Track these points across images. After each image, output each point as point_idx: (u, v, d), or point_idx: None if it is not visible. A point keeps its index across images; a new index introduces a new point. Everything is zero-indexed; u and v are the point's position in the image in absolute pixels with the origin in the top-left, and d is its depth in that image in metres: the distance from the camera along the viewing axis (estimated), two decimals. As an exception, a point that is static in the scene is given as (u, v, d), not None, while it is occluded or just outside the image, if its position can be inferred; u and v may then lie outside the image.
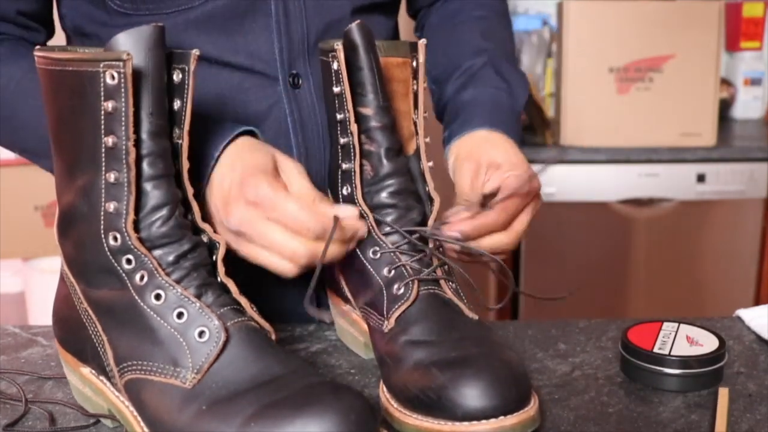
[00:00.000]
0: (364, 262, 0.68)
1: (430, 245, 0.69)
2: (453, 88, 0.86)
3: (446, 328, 0.64)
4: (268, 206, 0.63)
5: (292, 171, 0.67)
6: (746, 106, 2.45)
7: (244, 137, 0.68)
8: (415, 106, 0.72)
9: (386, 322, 0.66)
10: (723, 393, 0.66)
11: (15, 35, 0.79)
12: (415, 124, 0.72)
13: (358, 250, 0.69)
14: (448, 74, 0.87)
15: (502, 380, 0.57)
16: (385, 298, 0.66)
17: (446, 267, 0.69)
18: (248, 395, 0.53)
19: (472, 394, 0.56)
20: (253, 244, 0.65)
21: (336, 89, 0.68)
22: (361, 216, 0.68)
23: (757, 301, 2.12)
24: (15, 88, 0.75)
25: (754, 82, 2.44)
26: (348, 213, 0.65)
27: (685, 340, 0.71)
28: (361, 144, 0.69)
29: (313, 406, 0.51)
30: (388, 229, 0.69)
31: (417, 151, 0.72)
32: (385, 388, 0.64)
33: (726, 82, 2.43)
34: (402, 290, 0.66)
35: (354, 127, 0.68)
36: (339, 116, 0.69)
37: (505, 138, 0.78)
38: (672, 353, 0.69)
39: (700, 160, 2.03)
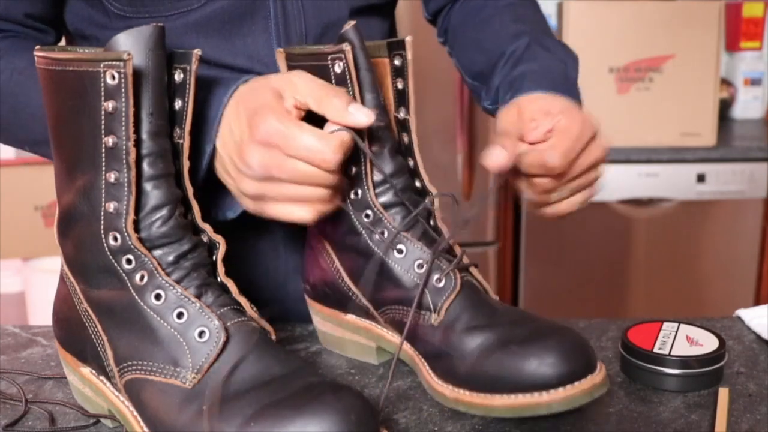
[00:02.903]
0: (390, 261, 0.68)
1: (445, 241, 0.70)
2: (501, 75, 0.83)
3: (491, 312, 0.65)
4: (282, 141, 0.61)
5: (295, 80, 0.64)
6: (746, 106, 2.45)
7: (241, 85, 0.66)
8: (402, 104, 0.71)
9: (435, 315, 0.66)
10: (723, 393, 0.66)
11: (22, 34, 0.78)
12: (404, 121, 0.71)
13: (379, 251, 0.69)
14: (492, 65, 0.84)
15: (580, 344, 0.61)
16: (427, 291, 0.66)
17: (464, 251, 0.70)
18: (248, 395, 0.53)
19: (558, 362, 0.59)
20: (272, 200, 0.63)
21: None
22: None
23: (757, 301, 2.12)
24: (18, 78, 0.74)
25: (754, 82, 2.44)
26: (365, 112, 0.63)
27: (685, 340, 0.71)
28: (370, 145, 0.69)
29: (313, 406, 0.51)
30: (401, 228, 0.69)
31: (399, 147, 0.72)
32: (443, 382, 0.64)
33: (726, 82, 2.43)
34: (444, 282, 0.66)
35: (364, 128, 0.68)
36: None
37: (558, 96, 0.75)
38: (672, 353, 0.69)
39: (700, 160, 2.04)
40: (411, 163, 0.72)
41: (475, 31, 0.90)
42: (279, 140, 0.61)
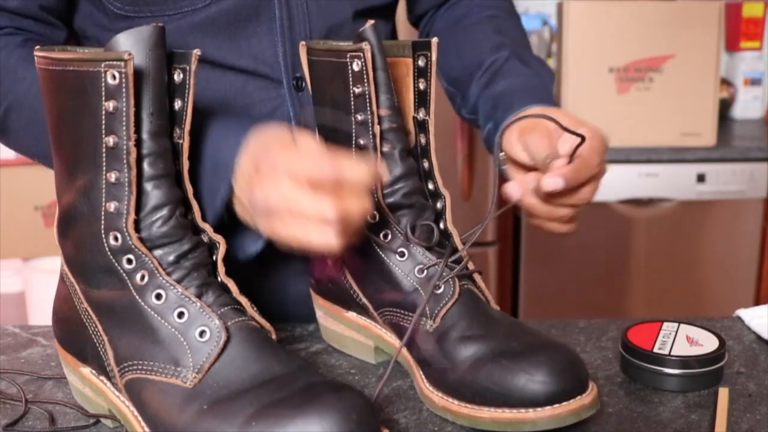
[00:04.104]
0: (390, 264, 0.68)
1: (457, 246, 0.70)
2: (479, 86, 0.84)
3: (488, 322, 0.65)
4: (283, 167, 0.59)
5: (307, 139, 0.63)
6: (746, 106, 2.45)
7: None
8: (422, 105, 0.71)
9: (431, 322, 0.66)
10: (723, 393, 0.66)
11: (37, 33, 0.77)
12: (423, 122, 0.71)
13: (381, 252, 0.69)
14: (469, 74, 0.86)
15: (572, 363, 0.61)
16: (425, 297, 0.66)
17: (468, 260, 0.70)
18: (249, 394, 0.53)
19: (547, 380, 0.59)
20: (286, 223, 0.60)
21: (357, 90, 0.67)
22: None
23: (757, 301, 2.12)
24: (37, 92, 0.74)
25: (754, 82, 2.44)
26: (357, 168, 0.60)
27: (685, 340, 0.71)
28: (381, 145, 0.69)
29: (314, 406, 0.51)
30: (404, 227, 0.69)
31: (416, 149, 0.72)
32: (434, 389, 0.64)
33: (726, 82, 2.43)
34: (443, 288, 0.66)
35: (377, 129, 0.68)
36: (360, 117, 0.68)
37: (556, 107, 0.77)
38: (672, 353, 0.69)
39: (700, 160, 2.04)
40: (426, 164, 0.72)
41: (455, 37, 0.91)
42: (280, 164, 0.59)
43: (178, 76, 0.60)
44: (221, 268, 0.61)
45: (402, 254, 0.68)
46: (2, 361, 0.75)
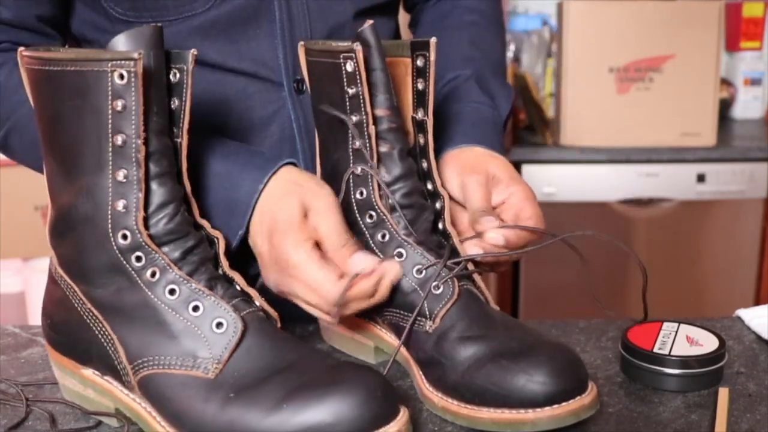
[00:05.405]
0: None
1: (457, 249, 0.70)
2: (437, 98, 0.84)
3: (487, 323, 0.65)
4: (292, 270, 0.65)
5: (320, 211, 0.67)
6: (746, 106, 2.45)
7: (277, 175, 0.68)
8: (421, 105, 0.71)
9: (430, 323, 0.66)
10: (723, 393, 0.66)
11: (34, 45, 0.78)
12: (422, 123, 0.71)
13: (380, 253, 0.69)
14: None
15: (572, 363, 0.61)
16: (425, 298, 0.66)
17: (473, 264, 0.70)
18: (274, 379, 0.54)
19: (546, 381, 0.59)
20: (292, 284, 0.66)
21: (351, 90, 0.67)
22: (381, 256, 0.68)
23: (757, 301, 2.12)
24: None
25: (754, 82, 2.44)
26: (367, 265, 0.65)
27: (685, 340, 0.71)
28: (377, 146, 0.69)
29: (341, 385, 0.53)
30: (403, 232, 0.69)
31: (414, 149, 0.72)
32: (433, 389, 0.64)
33: (726, 82, 2.43)
34: (442, 289, 0.66)
35: (372, 129, 0.68)
36: (354, 119, 0.68)
37: (495, 153, 0.78)
38: (672, 353, 0.69)
39: (700, 160, 2.04)
40: (424, 165, 0.72)
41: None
42: (289, 268, 0.65)
43: (174, 77, 0.60)
44: (224, 262, 0.62)
45: (401, 255, 0.68)
46: (2, 361, 0.75)
